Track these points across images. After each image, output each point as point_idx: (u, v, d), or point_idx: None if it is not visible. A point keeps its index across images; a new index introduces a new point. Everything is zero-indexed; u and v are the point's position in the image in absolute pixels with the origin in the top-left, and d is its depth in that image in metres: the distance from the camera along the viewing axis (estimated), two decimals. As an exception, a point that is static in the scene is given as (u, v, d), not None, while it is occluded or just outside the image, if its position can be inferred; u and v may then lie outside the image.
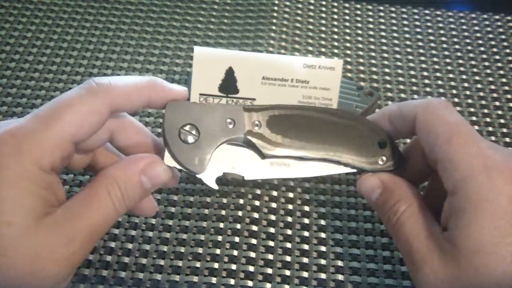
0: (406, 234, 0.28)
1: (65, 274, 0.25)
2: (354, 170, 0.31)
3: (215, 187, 0.29)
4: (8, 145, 0.24)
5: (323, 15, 0.54)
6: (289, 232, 0.35)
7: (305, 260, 0.34)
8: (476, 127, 0.43)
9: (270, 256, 0.34)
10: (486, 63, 0.49)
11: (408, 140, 0.40)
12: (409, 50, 0.50)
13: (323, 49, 0.50)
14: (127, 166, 0.27)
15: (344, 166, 0.30)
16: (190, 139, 0.28)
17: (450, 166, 0.26)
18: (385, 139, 0.31)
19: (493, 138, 0.43)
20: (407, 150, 0.32)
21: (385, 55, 0.50)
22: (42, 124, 0.25)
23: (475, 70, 0.49)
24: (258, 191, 0.37)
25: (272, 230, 0.35)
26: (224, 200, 0.37)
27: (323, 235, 0.35)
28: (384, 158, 0.30)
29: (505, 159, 0.26)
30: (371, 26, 0.53)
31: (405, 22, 0.54)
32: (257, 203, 0.37)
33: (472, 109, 0.45)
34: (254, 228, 0.35)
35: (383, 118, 0.31)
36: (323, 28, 0.52)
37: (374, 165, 0.30)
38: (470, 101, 0.46)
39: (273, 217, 0.36)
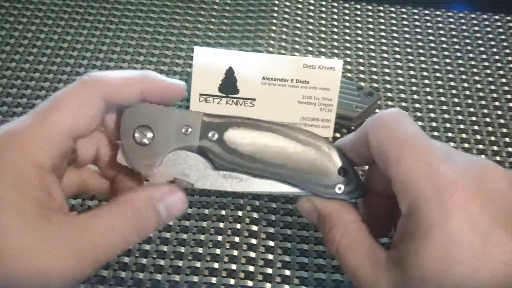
0: (349, 265, 0.27)
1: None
2: (309, 194, 0.29)
3: None
4: (5, 143, 0.24)
5: (323, 15, 0.54)
6: (289, 232, 0.35)
7: (305, 260, 0.34)
8: (476, 127, 0.43)
9: (270, 256, 0.34)
10: (486, 63, 0.49)
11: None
12: (409, 50, 0.50)
13: (323, 49, 0.50)
14: (145, 192, 0.27)
15: (299, 188, 0.29)
16: (144, 140, 0.28)
17: (401, 189, 0.25)
18: (345, 167, 0.29)
19: (492, 138, 0.43)
20: (369, 177, 0.30)
21: (385, 55, 0.50)
22: (39, 119, 0.25)
23: (475, 70, 0.49)
24: (258, 191, 0.38)
25: (271, 230, 0.35)
26: (224, 200, 0.37)
27: (323, 235, 0.35)
28: (342, 187, 0.28)
29: (458, 176, 0.24)
30: (371, 26, 0.53)
31: (405, 22, 0.54)
32: (257, 203, 0.37)
33: (472, 109, 0.45)
34: (254, 228, 0.35)
35: (349, 145, 0.29)
36: (323, 28, 0.52)
37: (331, 192, 0.29)
38: (470, 101, 0.46)
39: (273, 217, 0.36)
